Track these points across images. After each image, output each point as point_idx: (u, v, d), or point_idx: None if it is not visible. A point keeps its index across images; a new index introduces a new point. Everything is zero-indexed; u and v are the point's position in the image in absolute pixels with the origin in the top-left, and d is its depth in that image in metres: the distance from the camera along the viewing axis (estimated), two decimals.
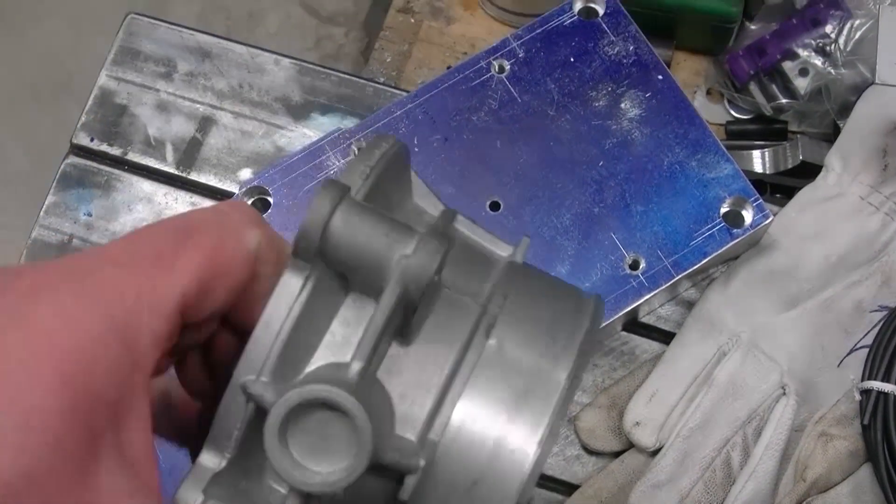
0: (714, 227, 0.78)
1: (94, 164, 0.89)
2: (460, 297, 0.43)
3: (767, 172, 0.87)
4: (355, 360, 0.40)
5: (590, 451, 0.80)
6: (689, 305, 0.82)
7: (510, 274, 0.46)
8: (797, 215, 0.82)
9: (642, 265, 0.77)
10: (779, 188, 0.86)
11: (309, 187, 0.81)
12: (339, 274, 0.42)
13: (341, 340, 0.42)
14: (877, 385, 0.74)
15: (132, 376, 0.36)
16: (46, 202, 0.88)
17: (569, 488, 0.79)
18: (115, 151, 0.89)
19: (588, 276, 0.77)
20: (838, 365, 0.79)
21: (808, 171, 0.87)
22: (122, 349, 0.35)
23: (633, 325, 0.82)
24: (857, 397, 0.76)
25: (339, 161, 0.81)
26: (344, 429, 0.38)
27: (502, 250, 0.47)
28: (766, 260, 0.81)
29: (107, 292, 0.35)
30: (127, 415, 0.36)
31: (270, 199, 0.81)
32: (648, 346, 0.82)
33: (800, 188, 0.85)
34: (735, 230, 0.78)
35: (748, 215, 0.78)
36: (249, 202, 0.81)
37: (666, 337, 0.81)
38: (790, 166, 0.87)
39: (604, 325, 0.76)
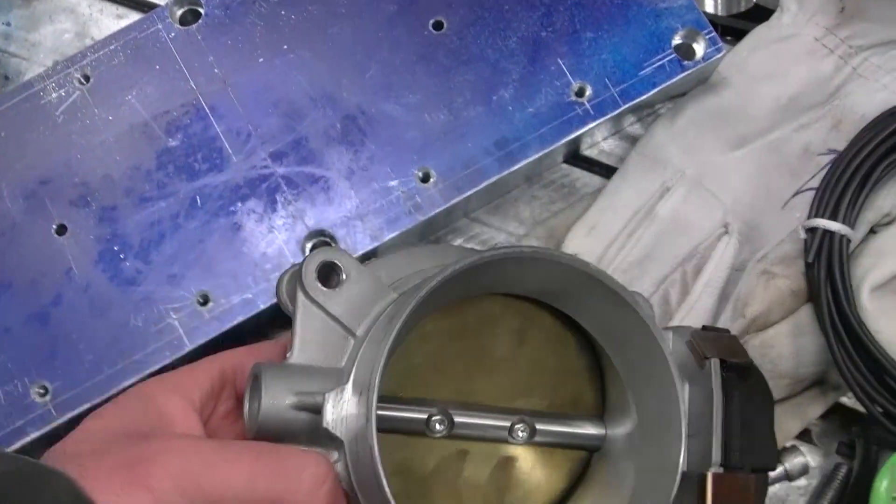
0: (665, 58, 0.75)
1: None
2: None
3: (720, 14, 0.84)
4: None
5: None
6: (633, 140, 0.79)
7: None
8: (749, 54, 0.80)
9: (588, 93, 0.75)
10: (730, 31, 0.83)
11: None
12: None
13: None
14: (823, 223, 0.72)
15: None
16: None
17: None
18: None
19: (532, 101, 0.75)
20: (783, 206, 0.77)
21: (762, 15, 0.84)
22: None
23: (575, 157, 0.80)
24: (802, 236, 0.74)
25: None
26: None
27: None
28: (714, 98, 0.78)
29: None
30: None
31: (201, 10, 0.77)
32: (590, 179, 0.80)
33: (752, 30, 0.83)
34: (686, 62, 0.75)
35: (700, 48, 0.75)
36: (179, 13, 0.77)
37: (608, 171, 0.79)
38: (743, 9, 0.84)
39: (547, 150, 0.73)
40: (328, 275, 0.57)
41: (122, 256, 0.73)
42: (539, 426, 0.60)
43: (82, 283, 0.73)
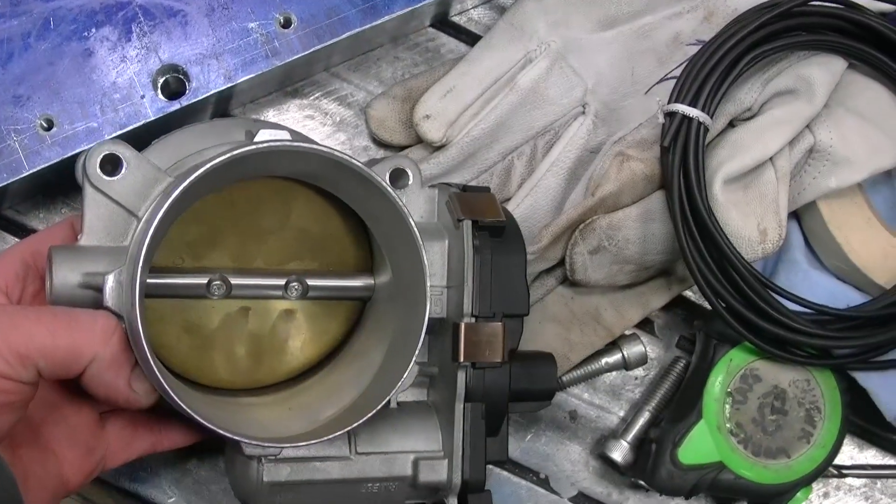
0: None
1: None
2: None
3: None
4: None
5: (378, 143, 0.78)
6: (503, 11, 0.79)
7: None
8: None
9: None
10: None
11: None
12: None
13: None
14: (682, 108, 0.72)
15: None
16: None
17: None
18: None
19: None
20: (646, 92, 0.77)
21: None
22: None
23: (443, 23, 0.79)
24: (661, 120, 0.74)
25: None
26: None
27: None
28: None
29: None
30: None
31: None
32: (455, 46, 0.79)
33: None
34: None
35: None
36: None
37: (475, 39, 0.79)
38: None
39: (413, 7, 0.73)
40: (112, 164, 0.61)
41: None
42: (311, 282, 0.66)
43: None
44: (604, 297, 0.76)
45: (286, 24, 0.72)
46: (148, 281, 0.61)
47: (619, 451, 0.77)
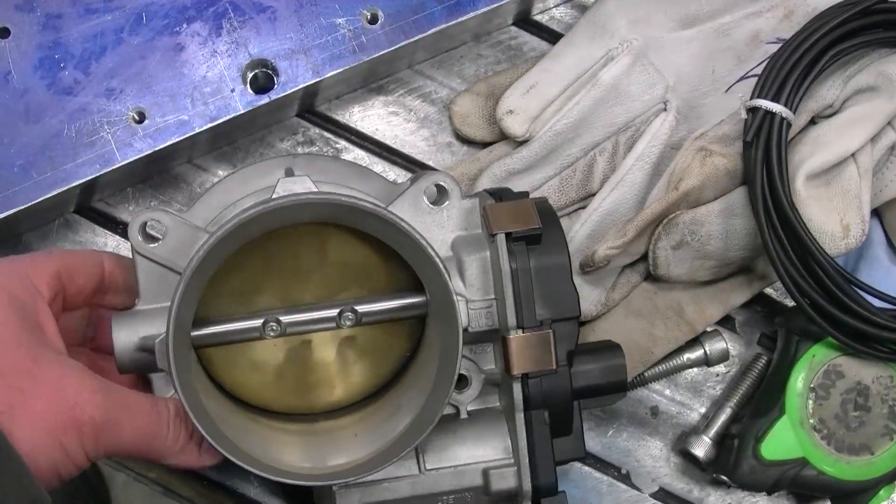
0: None
1: None
2: None
3: None
4: None
5: (462, 140, 0.79)
6: (585, 10, 0.79)
7: None
8: None
9: None
10: None
11: None
12: None
13: None
14: (765, 104, 0.72)
15: (36, 301, 0.60)
16: None
17: None
18: None
19: None
20: (726, 91, 0.77)
21: None
22: (25, 288, 0.60)
23: (525, 21, 0.80)
24: (743, 115, 0.74)
25: None
26: None
27: None
28: None
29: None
30: (43, 320, 0.60)
31: None
32: (537, 44, 0.80)
33: None
34: None
35: None
36: None
37: (556, 38, 0.79)
38: None
39: (497, 5, 0.74)
40: (152, 229, 0.65)
41: (62, 65, 0.73)
42: (361, 309, 0.67)
43: (20, 87, 0.73)
44: (686, 292, 0.76)
45: (373, 19, 0.74)
46: (204, 332, 0.65)
47: (701, 447, 0.76)
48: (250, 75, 0.73)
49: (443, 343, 0.64)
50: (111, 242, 0.78)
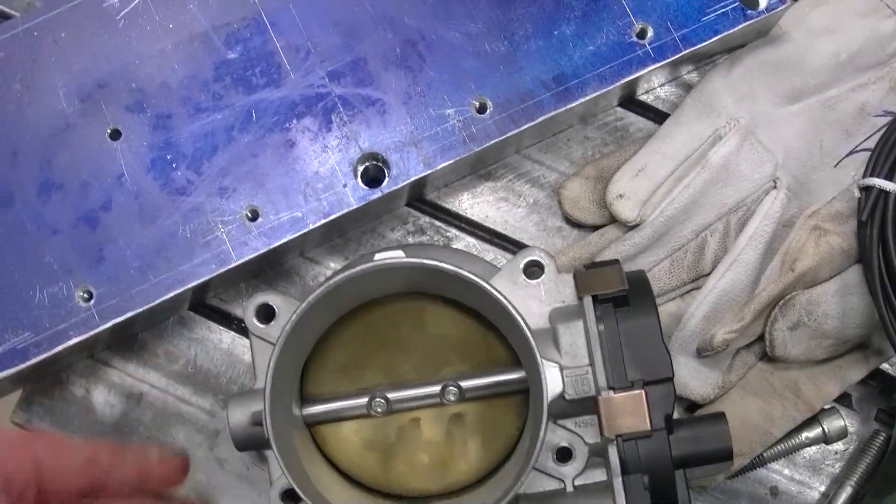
0: (728, 5, 0.75)
1: None
2: None
3: None
4: None
5: (571, 223, 0.79)
6: (689, 89, 0.79)
7: None
8: (811, 9, 0.79)
9: (650, 35, 0.74)
10: None
11: None
12: None
13: None
14: (879, 182, 0.72)
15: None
16: None
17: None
18: None
19: (593, 39, 0.74)
20: (835, 165, 0.77)
21: None
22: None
23: (630, 101, 0.80)
24: (857, 194, 0.73)
25: None
26: None
27: None
28: (773, 50, 0.78)
29: None
30: None
31: None
32: (643, 124, 0.80)
33: None
34: (750, 11, 0.75)
35: None
36: None
37: (662, 117, 0.79)
38: None
39: (605, 90, 0.73)
40: (266, 313, 0.68)
41: (174, 165, 0.73)
42: (465, 384, 0.69)
43: (133, 189, 0.73)
44: (802, 371, 0.76)
45: (481, 109, 0.73)
46: (314, 410, 0.69)
47: None
48: (361, 168, 0.73)
49: (536, 412, 0.65)
50: (226, 339, 0.78)
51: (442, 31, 0.75)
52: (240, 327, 0.78)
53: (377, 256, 0.67)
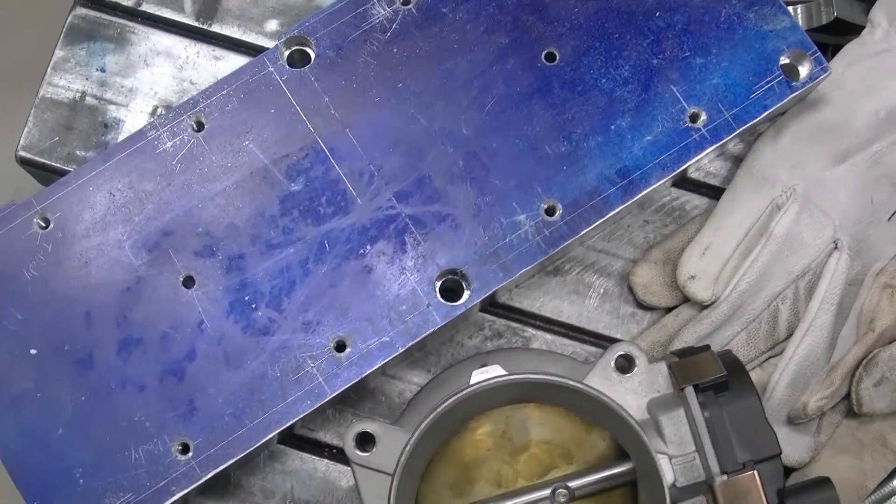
0: (773, 80, 0.77)
1: (105, 16, 0.83)
2: None
3: (801, 27, 0.86)
4: None
5: (643, 307, 0.80)
6: (736, 160, 0.81)
7: None
8: (845, 70, 0.81)
9: (703, 118, 0.76)
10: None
11: (353, 38, 0.76)
12: None
13: None
14: None
15: None
16: (54, 57, 0.82)
17: None
18: (127, 1, 0.83)
19: (650, 129, 0.76)
20: (889, 219, 0.79)
21: (841, 28, 0.86)
22: None
23: (682, 181, 0.81)
24: None
25: (384, 9, 0.77)
26: None
27: None
28: (815, 114, 0.80)
29: None
30: None
31: (311, 52, 0.76)
32: (699, 201, 0.81)
33: (832, 45, 0.85)
34: (794, 83, 0.77)
35: (806, 68, 0.77)
36: (287, 53, 0.76)
37: (715, 192, 0.81)
38: (824, 22, 0.86)
39: (668, 178, 0.75)
40: (365, 440, 0.69)
41: (253, 306, 0.73)
42: (574, 485, 0.69)
43: (215, 335, 0.72)
44: (886, 422, 0.78)
45: (551, 211, 0.74)
46: None
47: None
48: (439, 284, 0.74)
49: (650, 502, 0.66)
50: (321, 467, 0.78)
51: (501, 139, 0.75)
52: (332, 454, 0.78)
53: (475, 375, 0.68)
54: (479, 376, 0.68)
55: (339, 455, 0.78)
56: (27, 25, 1.44)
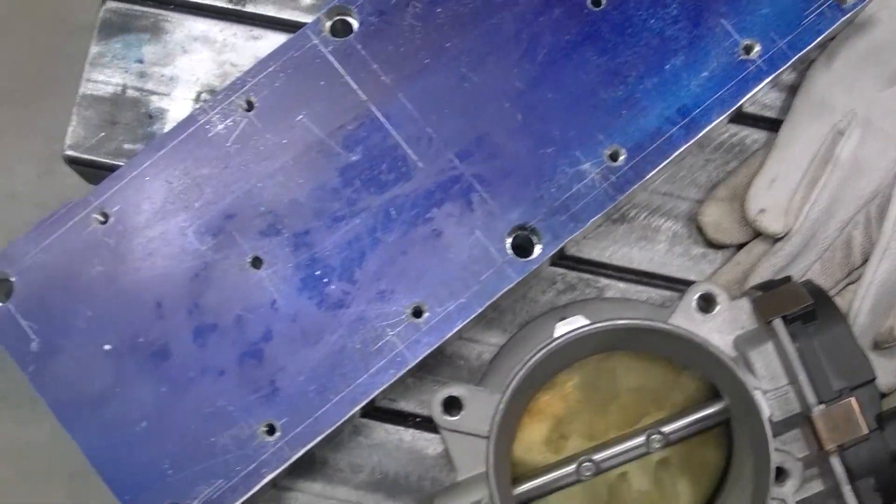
0: (823, 4, 0.76)
1: (137, 7, 0.81)
2: None
3: None
4: None
5: (714, 246, 0.79)
6: (790, 90, 0.80)
7: None
8: None
9: (757, 49, 0.75)
10: None
11: (395, 2, 0.75)
12: None
13: None
14: None
15: None
16: (90, 54, 0.80)
17: None
18: None
19: (705, 65, 0.75)
20: None
21: None
22: None
23: (739, 116, 0.80)
24: None
25: None
26: None
27: None
28: (865, 36, 0.79)
29: None
30: None
31: (354, 21, 0.75)
32: (758, 135, 0.80)
33: None
34: (844, 6, 0.76)
35: None
36: (329, 24, 0.75)
37: (773, 125, 0.80)
38: None
39: (728, 112, 0.74)
40: (453, 404, 0.67)
41: (325, 280, 0.72)
42: (667, 429, 0.69)
43: (289, 313, 0.71)
44: None
45: (614, 156, 0.73)
46: (525, 487, 0.68)
47: None
48: (510, 241, 0.73)
49: (753, 441, 0.65)
50: (406, 437, 0.77)
51: (556, 89, 0.74)
52: (416, 423, 0.77)
53: (560, 327, 0.67)
54: (564, 328, 0.67)
55: (423, 424, 0.77)
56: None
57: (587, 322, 0.66)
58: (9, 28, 1.73)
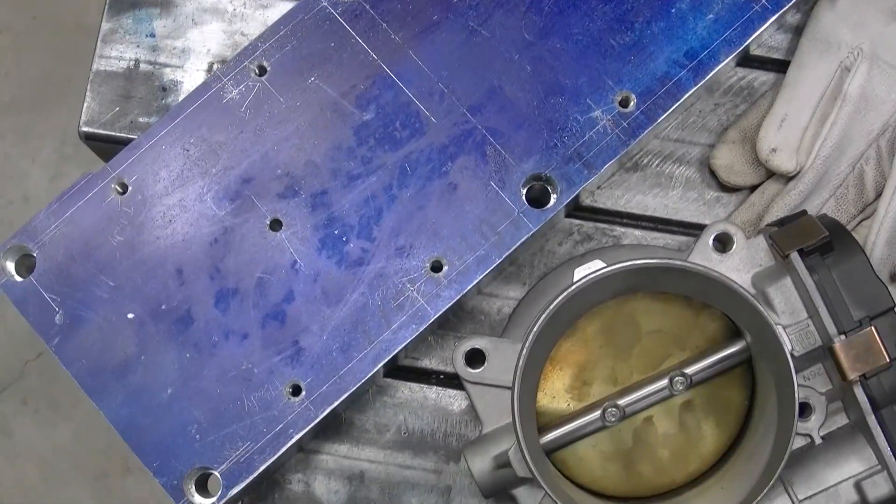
0: None
1: None
2: None
3: None
4: None
5: (728, 190, 0.79)
6: (796, 31, 0.80)
7: None
8: None
9: None
10: None
11: None
12: None
13: None
14: None
15: None
16: (101, 31, 0.81)
17: None
18: None
19: (710, 7, 0.75)
20: None
21: None
22: None
23: (746, 59, 0.81)
24: None
25: None
26: None
27: None
28: None
29: None
30: None
31: None
32: (765, 77, 0.80)
33: None
34: None
35: None
36: None
37: (780, 66, 0.80)
38: None
39: (735, 52, 0.74)
40: (476, 357, 0.69)
41: (344, 239, 0.72)
42: (690, 371, 0.69)
43: (310, 273, 0.72)
44: None
45: (625, 102, 0.74)
46: (551, 436, 0.69)
47: None
48: (525, 191, 0.73)
49: (776, 378, 0.66)
50: (430, 394, 0.77)
51: (564, 38, 0.75)
52: (440, 380, 0.77)
53: (579, 271, 0.67)
54: (583, 271, 0.67)
55: (446, 380, 0.77)
56: None
57: (605, 265, 0.67)
58: (20, 38, 1.75)
